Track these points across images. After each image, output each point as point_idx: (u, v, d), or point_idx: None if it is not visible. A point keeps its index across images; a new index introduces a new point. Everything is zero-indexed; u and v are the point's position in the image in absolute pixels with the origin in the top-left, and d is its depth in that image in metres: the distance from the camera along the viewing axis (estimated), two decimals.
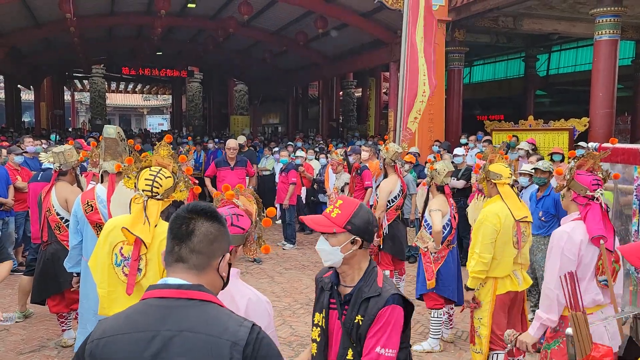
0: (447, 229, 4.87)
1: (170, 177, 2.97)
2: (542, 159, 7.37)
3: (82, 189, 4.61)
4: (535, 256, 5.50)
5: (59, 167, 4.59)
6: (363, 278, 2.05)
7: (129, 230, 2.82)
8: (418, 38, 8.44)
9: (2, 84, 21.87)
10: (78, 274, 3.95)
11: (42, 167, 5.98)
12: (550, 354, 3.10)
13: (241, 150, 11.44)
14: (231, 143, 8.28)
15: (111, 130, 3.95)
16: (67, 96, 34.95)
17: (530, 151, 8.66)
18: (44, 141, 10.56)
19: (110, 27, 17.74)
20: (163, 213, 2.95)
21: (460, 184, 7.75)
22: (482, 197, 4.35)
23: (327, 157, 9.68)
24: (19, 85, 22.68)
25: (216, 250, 1.48)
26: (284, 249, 9.24)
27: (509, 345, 3.09)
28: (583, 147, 8.09)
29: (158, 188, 2.90)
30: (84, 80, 31.81)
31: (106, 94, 28.52)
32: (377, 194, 6.30)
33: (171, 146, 3.14)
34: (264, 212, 2.20)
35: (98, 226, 3.71)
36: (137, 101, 47.23)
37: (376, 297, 1.98)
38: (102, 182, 3.97)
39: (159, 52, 21.68)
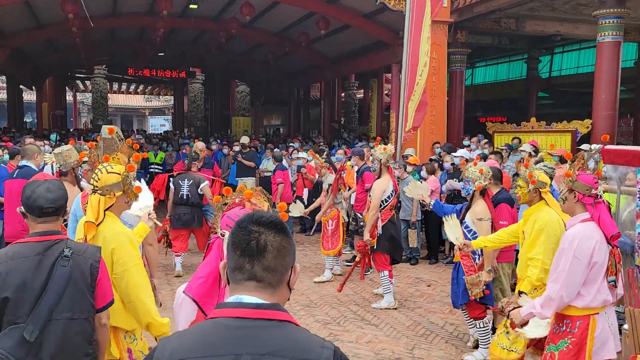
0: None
1: (114, 172, 2.82)
2: (541, 161, 7.35)
3: (81, 189, 4.60)
4: None
5: (59, 167, 4.57)
6: None
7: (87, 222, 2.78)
8: (424, 38, 8.41)
9: (4, 85, 21.84)
10: None
11: (19, 164, 5.96)
12: (558, 356, 3.08)
13: (243, 151, 11.47)
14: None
15: (107, 131, 3.94)
16: (69, 97, 34.97)
17: (532, 153, 8.64)
18: (45, 142, 10.55)
19: (112, 28, 17.74)
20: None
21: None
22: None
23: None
24: (20, 86, 22.70)
25: (288, 265, 1.41)
26: None
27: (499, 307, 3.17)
28: (586, 150, 8.06)
29: (97, 182, 2.80)
30: (86, 81, 31.84)
31: (108, 94, 28.55)
32: (370, 195, 6.33)
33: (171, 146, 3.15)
34: (275, 209, 2.18)
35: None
36: (139, 102, 47.24)
37: None
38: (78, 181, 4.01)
39: (161, 53, 21.69)
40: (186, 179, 7.47)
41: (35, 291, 2.27)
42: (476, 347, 4.91)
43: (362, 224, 6.75)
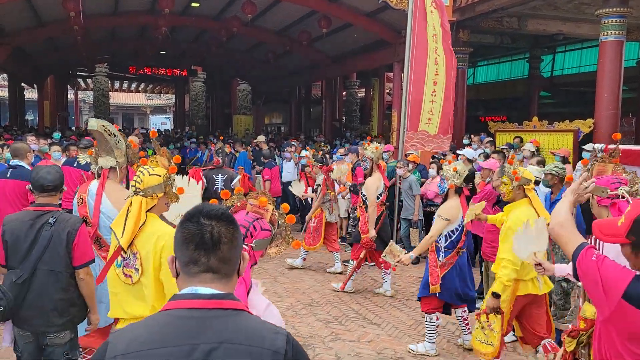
0: (456, 235, 4.75)
1: (156, 174, 2.90)
2: (543, 161, 7.33)
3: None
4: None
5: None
6: None
7: (113, 230, 2.83)
8: (430, 36, 8.35)
9: (6, 83, 21.84)
10: None
11: (10, 163, 5.99)
12: None
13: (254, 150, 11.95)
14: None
15: (93, 123, 3.81)
16: (70, 95, 34.99)
17: (535, 152, 8.62)
18: (48, 140, 10.56)
19: (113, 26, 17.73)
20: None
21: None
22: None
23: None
24: (22, 84, 22.70)
25: (239, 254, 1.46)
26: None
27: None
28: (589, 151, 8.04)
29: (139, 183, 2.87)
30: (87, 79, 31.86)
31: (109, 92, 28.56)
32: (363, 193, 6.53)
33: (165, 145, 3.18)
34: (280, 210, 2.20)
35: (84, 220, 3.71)
36: (140, 100, 47.25)
37: None
38: (97, 177, 3.97)
39: (162, 52, 21.69)
40: (220, 174, 7.59)
41: (26, 246, 3.06)
42: (470, 349, 4.86)
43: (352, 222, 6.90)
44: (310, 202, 10.55)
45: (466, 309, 4.99)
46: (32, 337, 3.11)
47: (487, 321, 4.01)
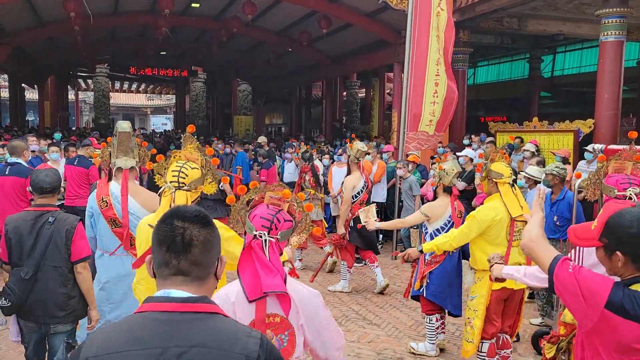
0: (444, 232, 4.71)
1: (196, 168, 3.00)
2: (543, 161, 7.32)
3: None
4: None
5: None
6: None
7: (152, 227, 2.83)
8: (433, 37, 8.33)
9: (7, 83, 21.85)
10: None
11: (9, 161, 6.12)
12: None
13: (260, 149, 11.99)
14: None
15: (125, 125, 3.97)
16: (71, 95, 35.00)
17: (535, 152, 8.61)
18: (48, 140, 10.57)
19: (113, 26, 17.74)
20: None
21: (461, 185, 7.74)
22: None
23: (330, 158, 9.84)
24: (22, 84, 22.71)
25: (214, 257, 1.44)
26: None
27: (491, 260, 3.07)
28: (590, 151, 8.03)
29: (184, 178, 2.92)
30: (87, 80, 31.87)
31: (110, 93, 28.57)
32: (342, 191, 6.68)
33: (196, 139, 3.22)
34: (297, 200, 2.24)
35: (112, 221, 3.83)
36: (140, 101, 47.26)
37: None
38: (110, 179, 4.02)
39: (162, 52, 21.70)
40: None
41: (30, 244, 3.32)
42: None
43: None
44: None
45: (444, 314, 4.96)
46: (37, 327, 3.41)
47: (468, 318, 4.10)
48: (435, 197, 4.95)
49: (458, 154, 8.67)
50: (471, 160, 8.21)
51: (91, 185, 6.78)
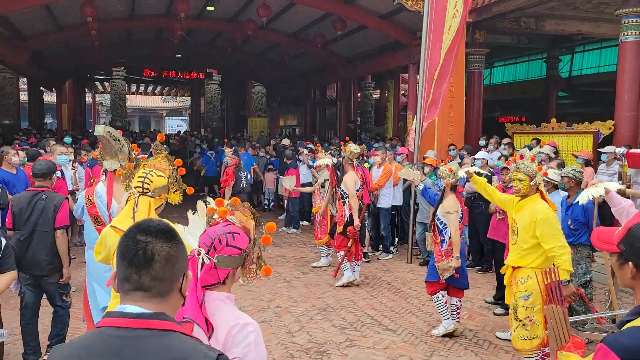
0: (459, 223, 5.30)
1: (162, 176, 3.12)
2: (562, 163, 7.20)
3: None
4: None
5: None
6: None
7: (116, 227, 2.94)
8: (447, 39, 8.27)
9: (26, 86, 22.19)
10: None
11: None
12: None
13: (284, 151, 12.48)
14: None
15: (100, 129, 4.07)
16: (88, 98, 35.42)
17: (552, 154, 8.49)
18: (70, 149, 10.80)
19: (130, 29, 17.88)
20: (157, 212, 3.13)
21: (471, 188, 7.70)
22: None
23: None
24: (41, 88, 23.02)
25: (178, 272, 1.40)
26: (288, 232, 10.68)
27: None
28: (606, 153, 7.88)
29: (149, 184, 3.04)
30: (104, 83, 32.22)
31: (126, 95, 28.84)
32: (342, 189, 7.08)
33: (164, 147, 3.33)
34: (262, 228, 1.99)
35: (95, 219, 4.19)
36: (156, 103, 47.67)
37: None
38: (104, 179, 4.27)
39: (178, 55, 21.83)
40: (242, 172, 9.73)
41: (27, 215, 4.42)
42: (450, 335, 5.36)
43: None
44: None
45: (461, 299, 5.50)
46: (31, 279, 4.49)
47: (527, 317, 4.14)
48: (441, 197, 5.45)
49: (474, 156, 8.57)
50: (487, 162, 8.11)
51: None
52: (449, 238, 5.26)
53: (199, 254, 1.83)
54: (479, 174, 7.56)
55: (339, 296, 6.72)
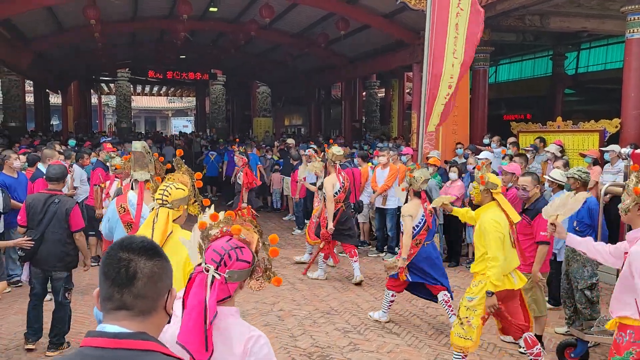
0: (417, 229, 5.51)
1: (181, 189, 3.26)
2: (568, 163, 7.11)
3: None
4: (571, 266, 5.26)
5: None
6: None
7: None
8: (450, 38, 8.16)
9: (32, 88, 22.26)
10: None
11: (38, 167, 6.98)
12: None
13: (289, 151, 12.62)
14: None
15: (138, 145, 4.49)
16: (94, 99, 35.54)
17: (558, 153, 8.40)
18: (64, 147, 10.77)
19: (133, 31, 17.90)
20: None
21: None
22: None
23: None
24: (47, 90, 23.10)
25: (162, 290, 1.38)
26: (292, 233, 10.68)
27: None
28: (608, 151, 7.78)
29: (168, 196, 3.19)
30: (110, 84, 32.32)
31: (132, 97, 28.92)
32: (323, 191, 7.29)
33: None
34: (266, 241, 1.97)
35: (129, 225, 4.27)
36: (162, 103, 47.78)
37: None
38: (132, 188, 4.54)
39: (182, 56, 21.85)
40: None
41: (40, 216, 4.80)
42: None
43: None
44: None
45: (446, 292, 5.55)
46: (42, 273, 4.91)
47: (466, 317, 4.26)
48: (406, 200, 5.73)
49: (477, 157, 8.50)
50: (490, 163, 8.04)
51: (94, 185, 7.63)
52: (412, 238, 5.48)
53: (207, 271, 1.80)
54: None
55: (343, 299, 6.68)
